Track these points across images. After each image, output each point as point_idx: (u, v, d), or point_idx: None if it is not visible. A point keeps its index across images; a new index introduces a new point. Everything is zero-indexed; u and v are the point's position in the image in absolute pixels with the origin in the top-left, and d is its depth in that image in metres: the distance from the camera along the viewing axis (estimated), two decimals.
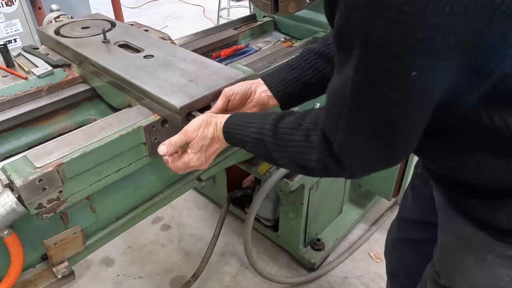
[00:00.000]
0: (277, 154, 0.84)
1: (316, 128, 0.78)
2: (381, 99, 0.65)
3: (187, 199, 2.52)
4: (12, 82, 1.17)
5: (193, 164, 0.95)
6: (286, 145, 0.82)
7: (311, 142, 0.78)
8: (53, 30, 1.37)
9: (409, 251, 1.34)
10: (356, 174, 0.79)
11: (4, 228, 0.89)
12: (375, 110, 0.67)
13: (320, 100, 1.85)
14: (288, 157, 0.82)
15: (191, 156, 0.95)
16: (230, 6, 5.00)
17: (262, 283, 2.01)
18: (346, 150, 0.74)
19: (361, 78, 0.64)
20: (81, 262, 1.73)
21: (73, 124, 1.26)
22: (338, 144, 0.73)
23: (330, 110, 0.73)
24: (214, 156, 0.98)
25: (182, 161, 0.96)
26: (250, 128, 0.87)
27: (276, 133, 0.83)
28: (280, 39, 1.84)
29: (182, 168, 0.97)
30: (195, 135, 0.93)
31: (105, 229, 1.16)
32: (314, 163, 0.78)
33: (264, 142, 0.85)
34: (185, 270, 2.09)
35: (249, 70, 1.23)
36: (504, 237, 0.80)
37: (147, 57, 1.21)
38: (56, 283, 1.05)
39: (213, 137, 0.93)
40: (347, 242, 2.22)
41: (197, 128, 0.93)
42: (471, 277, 0.90)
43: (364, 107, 0.67)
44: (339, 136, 0.72)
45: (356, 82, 0.65)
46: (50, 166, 0.87)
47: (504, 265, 0.83)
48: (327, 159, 0.76)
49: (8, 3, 2.37)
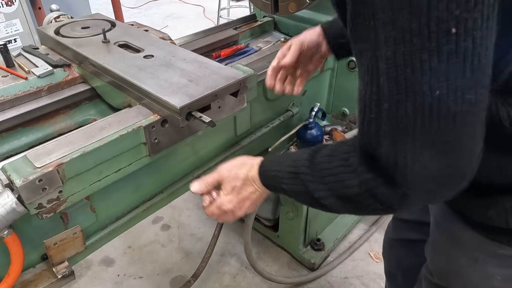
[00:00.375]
0: (314, 186, 0.73)
1: (355, 150, 0.69)
2: (423, 72, 0.53)
3: (187, 199, 2.52)
4: (12, 82, 1.17)
5: (225, 208, 0.87)
6: (323, 175, 0.72)
7: (350, 165, 0.68)
8: (53, 30, 1.37)
9: (405, 251, 1.35)
10: (412, 193, 0.63)
11: (4, 228, 0.89)
12: (420, 90, 0.54)
13: (320, 100, 1.85)
14: (328, 188, 0.71)
15: (223, 198, 0.87)
16: (230, 6, 5.00)
17: (262, 283, 2.01)
18: (396, 160, 0.60)
19: (394, 52, 0.54)
20: (81, 262, 1.73)
21: (73, 124, 1.26)
22: (386, 154, 0.61)
23: (366, 118, 0.62)
24: (250, 202, 0.87)
25: (215, 204, 0.88)
26: (286, 161, 0.80)
27: (312, 163, 0.74)
28: (280, 39, 1.84)
29: (215, 212, 0.89)
30: (227, 174, 0.87)
31: (105, 229, 1.16)
32: (356, 189, 0.67)
33: (300, 175, 0.75)
34: (185, 270, 2.09)
35: (249, 70, 1.23)
36: (495, 235, 0.79)
37: (147, 57, 1.21)
38: (56, 283, 1.05)
39: (246, 178, 0.85)
40: (347, 242, 2.22)
41: (231, 167, 0.87)
42: (464, 277, 0.89)
43: (406, 92, 0.55)
44: (385, 144, 0.61)
45: (388, 60, 0.55)
46: (50, 166, 0.87)
47: (496, 264, 0.82)
48: (371, 181, 0.65)
49: (8, 3, 2.37)
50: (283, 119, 1.68)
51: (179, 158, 1.31)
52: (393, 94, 0.56)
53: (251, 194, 0.86)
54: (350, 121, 1.92)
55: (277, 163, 0.82)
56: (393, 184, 0.62)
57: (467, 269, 0.88)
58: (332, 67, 1.83)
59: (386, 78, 0.56)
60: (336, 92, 1.89)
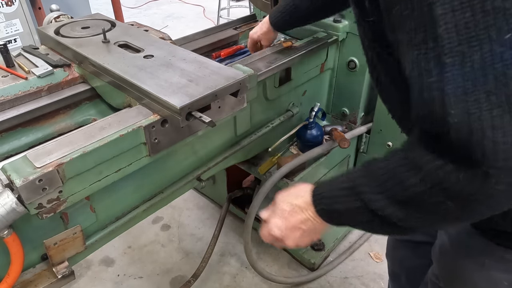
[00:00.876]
0: (370, 196, 0.65)
1: (412, 147, 0.61)
2: None
3: (187, 199, 2.52)
4: (12, 82, 1.17)
5: (273, 233, 0.81)
6: (380, 181, 0.64)
7: (411, 161, 0.60)
8: (53, 30, 1.37)
9: (409, 252, 1.34)
10: (496, 172, 0.51)
11: (4, 228, 0.89)
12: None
13: (320, 100, 1.85)
14: (386, 196, 0.63)
15: (272, 222, 0.82)
16: (230, 6, 5.00)
17: (262, 283, 2.01)
18: (471, 129, 0.50)
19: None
20: (81, 262, 1.73)
21: (73, 124, 1.26)
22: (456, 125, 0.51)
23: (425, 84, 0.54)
24: (300, 233, 0.79)
25: (266, 227, 0.84)
26: (339, 178, 0.74)
27: (367, 170, 0.68)
28: (280, 39, 1.84)
29: (265, 235, 0.84)
30: (281, 199, 0.82)
31: (105, 229, 1.16)
32: (420, 187, 0.57)
33: (354, 188, 0.68)
34: (185, 270, 2.09)
35: (249, 70, 1.23)
36: (501, 240, 0.79)
37: (147, 57, 1.21)
38: (56, 283, 1.05)
39: (296, 204, 0.79)
40: (347, 242, 2.22)
41: (287, 192, 0.83)
42: (471, 282, 0.89)
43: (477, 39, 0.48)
44: (456, 109, 0.51)
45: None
46: (50, 166, 0.87)
47: (503, 269, 0.82)
48: (439, 171, 0.55)
49: (8, 3, 2.37)
50: (283, 119, 1.68)
51: (179, 158, 1.31)
52: (455, 46, 0.50)
53: (301, 224, 0.78)
54: (350, 121, 1.92)
55: (328, 183, 0.76)
56: (468, 164, 0.52)
57: (474, 274, 0.86)
58: (332, 67, 1.83)
59: (445, 25, 0.50)
60: (336, 92, 1.89)
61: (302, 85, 1.73)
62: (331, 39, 1.68)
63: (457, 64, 0.50)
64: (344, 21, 1.70)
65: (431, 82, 0.53)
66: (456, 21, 0.49)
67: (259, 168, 1.67)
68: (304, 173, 1.70)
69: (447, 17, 0.50)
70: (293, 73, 1.64)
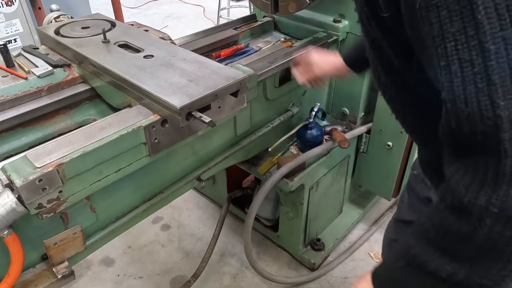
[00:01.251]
0: (427, 257, 0.62)
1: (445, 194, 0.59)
2: None
3: (187, 199, 2.52)
4: (12, 82, 1.17)
5: None
6: (430, 237, 0.62)
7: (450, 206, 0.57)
8: (53, 30, 1.37)
9: None
10: None
11: (4, 228, 0.89)
12: None
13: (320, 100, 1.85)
14: (442, 254, 0.60)
15: None
16: (230, 6, 5.00)
17: (262, 283, 2.01)
18: None
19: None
20: (81, 262, 1.73)
21: (73, 124, 1.26)
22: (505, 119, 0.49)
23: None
24: None
25: None
26: (391, 256, 0.75)
27: (415, 235, 0.66)
28: (280, 39, 1.84)
29: None
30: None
31: (105, 229, 1.16)
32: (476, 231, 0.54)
33: (409, 250, 0.65)
34: (185, 270, 2.09)
35: (249, 70, 1.23)
36: None
37: (147, 57, 1.21)
38: (56, 283, 1.05)
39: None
40: (347, 242, 2.22)
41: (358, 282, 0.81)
42: None
43: None
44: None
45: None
46: (50, 166, 0.87)
47: None
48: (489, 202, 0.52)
49: (8, 3, 2.37)
50: (283, 119, 1.68)
51: (179, 158, 1.31)
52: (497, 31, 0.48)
53: None
54: (350, 121, 1.92)
55: (383, 265, 0.75)
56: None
57: None
58: None
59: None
60: (336, 92, 1.89)
61: (302, 85, 1.73)
62: (331, 39, 1.68)
63: (502, 50, 0.48)
64: (344, 21, 1.70)
65: (475, 73, 0.50)
66: (495, 4, 0.47)
67: (259, 168, 1.67)
68: (304, 173, 1.70)
69: (486, 1, 0.48)
70: None
